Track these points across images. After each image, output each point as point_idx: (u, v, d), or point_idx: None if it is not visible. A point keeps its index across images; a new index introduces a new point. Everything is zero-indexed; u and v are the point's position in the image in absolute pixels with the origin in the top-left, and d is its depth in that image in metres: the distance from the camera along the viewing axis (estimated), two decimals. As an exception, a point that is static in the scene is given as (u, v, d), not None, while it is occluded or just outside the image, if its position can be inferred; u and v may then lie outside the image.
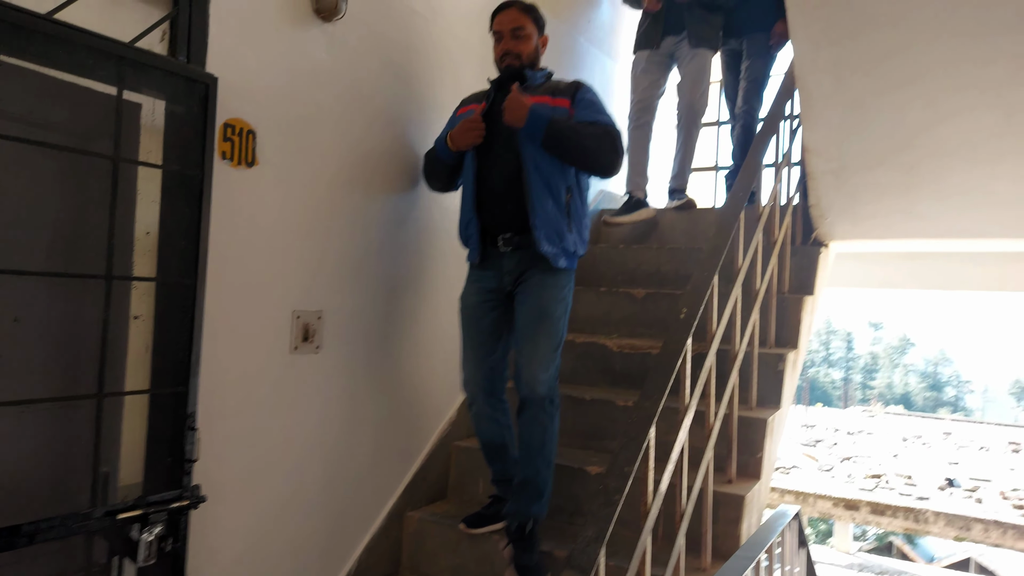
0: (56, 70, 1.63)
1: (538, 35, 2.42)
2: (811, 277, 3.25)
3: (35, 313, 1.62)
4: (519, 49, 2.36)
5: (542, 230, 2.26)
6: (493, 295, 2.39)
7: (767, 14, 3.67)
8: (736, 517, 2.42)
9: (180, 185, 1.85)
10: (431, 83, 2.75)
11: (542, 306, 2.28)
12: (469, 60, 2.93)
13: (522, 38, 2.35)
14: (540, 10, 2.43)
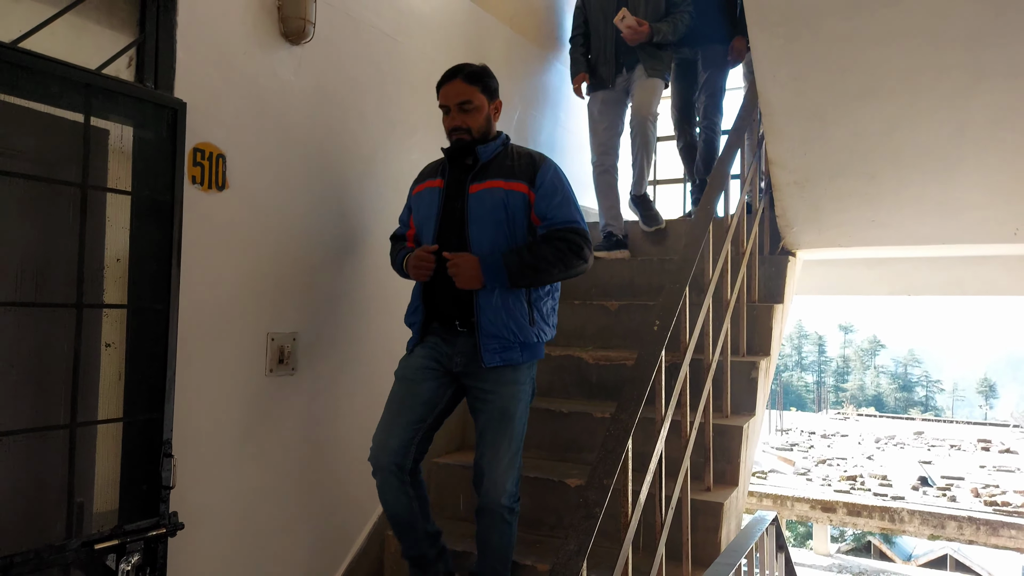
0: (22, 99, 1.62)
1: (489, 102, 2.17)
2: (780, 285, 3.31)
3: (4, 343, 1.60)
4: (468, 123, 2.12)
5: (489, 332, 2.07)
6: (439, 367, 2.17)
7: (722, 25, 3.73)
8: (715, 525, 2.45)
9: (150, 211, 1.85)
10: (401, 103, 2.77)
11: (502, 407, 2.10)
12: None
13: (470, 111, 2.12)
14: (490, 73, 2.20)
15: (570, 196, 2.13)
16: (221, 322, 2.07)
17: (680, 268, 2.34)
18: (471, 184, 2.11)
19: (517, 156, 2.17)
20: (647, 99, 3.55)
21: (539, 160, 2.15)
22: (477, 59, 3.30)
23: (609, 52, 3.58)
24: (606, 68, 3.60)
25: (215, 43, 2.04)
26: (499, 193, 2.08)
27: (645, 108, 3.55)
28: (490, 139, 2.17)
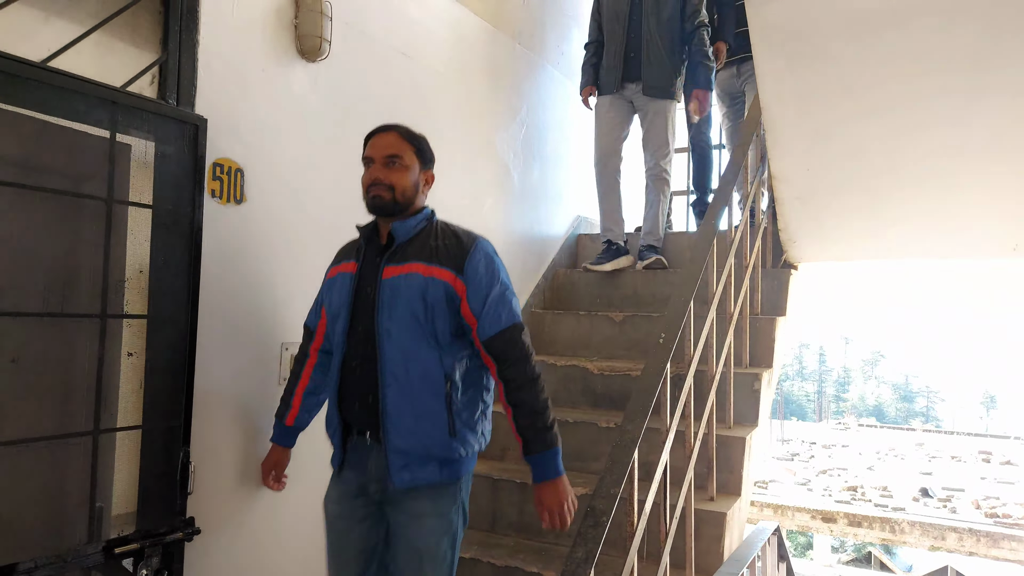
0: (50, 116, 1.67)
1: (422, 168, 1.88)
2: (782, 299, 3.36)
3: (31, 353, 1.65)
4: (391, 180, 1.78)
5: (397, 445, 1.73)
6: (364, 497, 1.85)
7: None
8: (718, 534, 2.49)
9: (171, 224, 1.90)
10: (413, 118, 2.81)
11: (420, 546, 1.75)
12: (446, 96, 3.03)
13: (397, 167, 1.79)
14: (428, 145, 1.93)
15: (506, 286, 1.82)
16: (237, 332, 2.12)
17: (685, 282, 2.39)
18: (386, 266, 1.78)
19: (443, 236, 1.83)
20: (659, 134, 3.49)
21: (468, 243, 1.81)
22: (487, 71, 3.39)
23: (618, 60, 3.55)
24: (613, 75, 3.57)
25: (234, 61, 2.10)
26: (417, 280, 1.74)
27: (658, 149, 3.50)
28: (413, 213, 1.84)
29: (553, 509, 1.80)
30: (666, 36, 3.47)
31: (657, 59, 3.46)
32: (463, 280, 1.76)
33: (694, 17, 3.51)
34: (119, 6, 1.86)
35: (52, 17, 1.76)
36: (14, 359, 1.61)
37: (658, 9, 3.48)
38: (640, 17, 3.49)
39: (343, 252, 1.98)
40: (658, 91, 3.46)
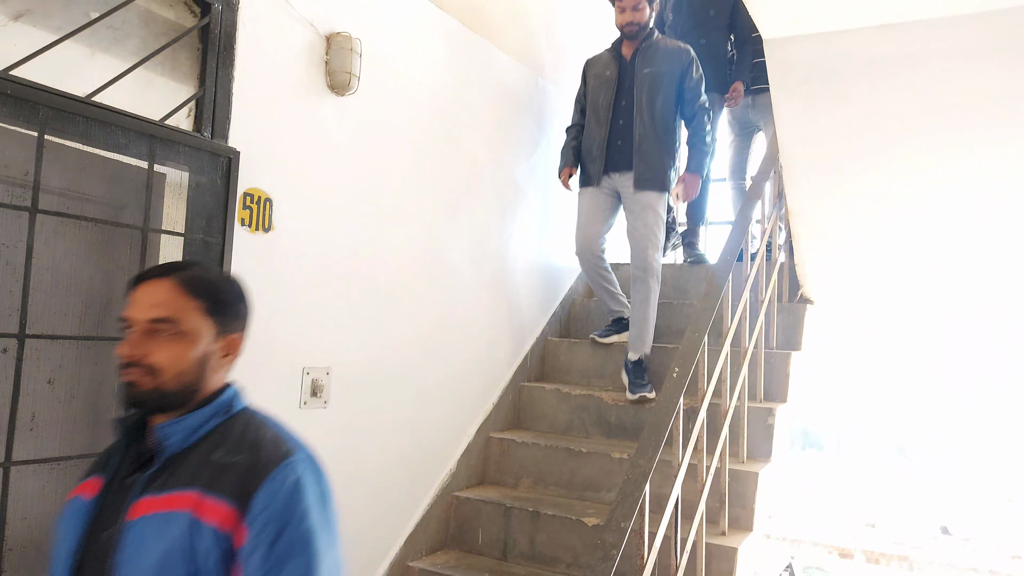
0: (93, 147, 1.76)
1: (219, 333, 1.17)
2: (798, 333, 3.37)
3: (66, 374, 1.72)
4: (154, 360, 1.07)
5: None
6: None
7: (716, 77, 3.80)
8: (729, 569, 2.49)
9: (203, 251, 1.98)
10: (436, 150, 2.90)
11: None
12: (470, 126, 3.10)
13: (163, 338, 1.08)
14: (234, 292, 1.26)
15: (316, 550, 1.07)
16: (261, 356, 2.18)
17: (699, 316, 2.42)
18: (136, 499, 1.05)
19: (239, 443, 1.11)
20: (647, 227, 3.15)
21: (272, 459, 1.09)
22: (510, 103, 3.44)
23: (601, 150, 3.25)
24: (597, 165, 3.26)
25: (267, 95, 2.19)
26: (178, 526, 1.01)
27: (647, 240, 3.14)
28: (198, 402, 1.14)
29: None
30: (660, 123, 3.16)
31: (650, 148, 3.14)
32: (244, 521, 1.02)
33: (694, 100, 3.21)
34: (160, 43, 1.95)
35: (98, 53, 1.85)
36: (50, 380, 1.68)
37: (652, 94, 3.16)
38: (631, 102, 3.19)
39: (88, 473, 1.17)
40: (650, 183, 3.14)
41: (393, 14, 2.65)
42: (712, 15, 3.89)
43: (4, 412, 1.54)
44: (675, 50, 3.20)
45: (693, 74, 3.19)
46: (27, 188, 1.59)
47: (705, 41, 3.84)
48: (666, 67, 3.17)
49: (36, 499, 1.66)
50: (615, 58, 3.28)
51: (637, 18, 3.16)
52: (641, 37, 3.21)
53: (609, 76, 3.26)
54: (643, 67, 3.19)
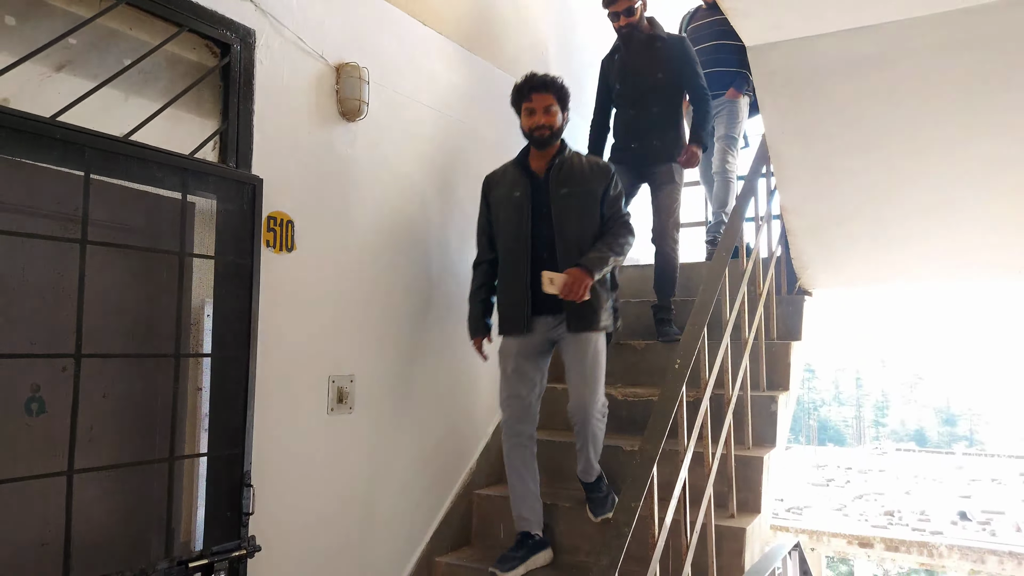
0: (133, 182, 1.93)
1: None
2: (797, 324, 3.51)
3: (118, 389, 1.88)
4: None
5: None
6: None
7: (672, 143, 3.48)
8: (739, 549, 2.62)
9: (231, 272, 2.14)
10: (444, 168, 3.07)
11: None
12: (475, 145, 3.27)
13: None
14: None
15: None
16: (289, 367, 2.34)
17: (698, 310, 2.56)
18: None
19: None
20: (590, 372, 2.64)
21: None
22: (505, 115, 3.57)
23: (521, 293, 2.66)
24: (519, 311, 2.66)
25: (284, 125, 2.36)
26: None
27: (591, 388, 2.65)
28: None
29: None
30: (586, 248, 2.62)
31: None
32: None
33: (615, 220, 2.71)
34: (186, 83, 2.13)
35: (131, 96, 2.03)
36: (105, 394, 1.84)
37: (573, 220, 2.66)
38: (551, 231, 2.65)
39: None
40: (588, 323, 2.62)
41: (397, 42, 2.82)
42: (661, 77, 3.48)
43: (66, 425, 1.70)
44: (594, 167, 2.74)
45: (612, 192, 2.72)
46: (77, 222, 1.76)
47: (658, 109, 3.48)
48: (585, 187, 2.68)
49: (97, 503, 1.83)
50: (524, 175, 2.73)
51: (549, 121, 2.64)
52: (553, 147, 2.71)
53: (520, 198, 2.69)
54: (559, 187, 2.67)
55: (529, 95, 2.66)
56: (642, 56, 3.50)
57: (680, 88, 3.54)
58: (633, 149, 3.52)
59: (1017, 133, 2.64)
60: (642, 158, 3.50)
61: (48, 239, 1.78)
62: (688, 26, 4.22)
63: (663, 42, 3.49)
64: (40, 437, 1.74)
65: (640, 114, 3.51)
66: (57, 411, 1.77)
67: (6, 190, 1.70)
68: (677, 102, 3.54)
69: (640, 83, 3.52)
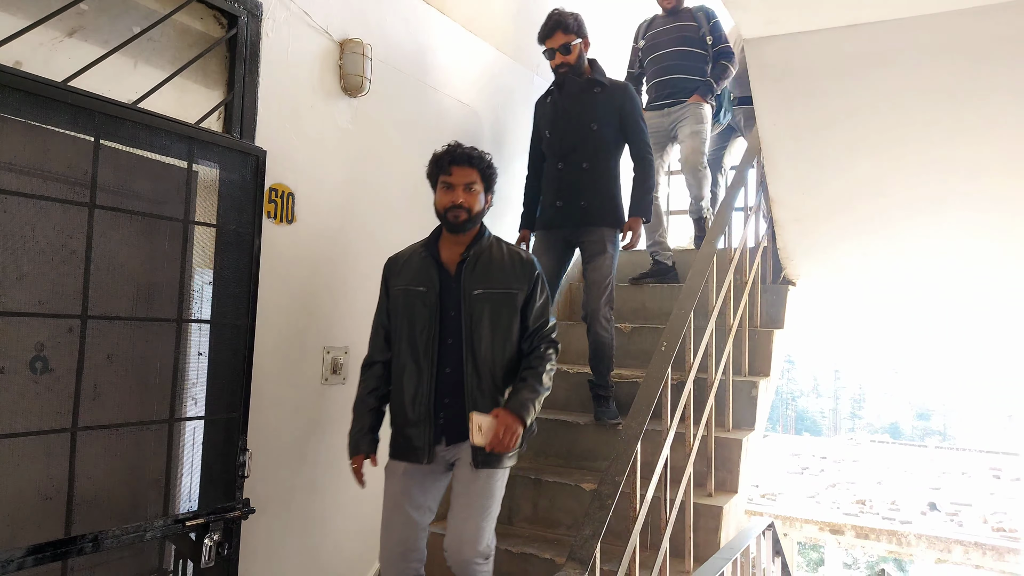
0: (140, 149, 1.96)
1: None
2: (780, 312, 3.60)
3: (122, 351, 1.93)
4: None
5: None
6: None
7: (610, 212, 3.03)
8: (715, 526, 2.73)
9: (233, 241, 2.18)
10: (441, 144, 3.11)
11: None
12: (475, 126, 3.32)
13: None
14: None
15: None
16: (286, 337, 2.40)
17: (685, 296, 2.64)
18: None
19: None
20: (469, 518, 2.12)
21: None
22: (508, 101, 3.65)
23: (424, 411, 2.18)
24: (419, 434, 2.18)
25: (288, 98, 2.39)
26: None
27: (466, 538, 2.10)
28: None
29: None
30: (498, 375, 2.20)
31: (491, 397, 2.18)
32: None
33: (539, 330, 2.27)
34: (193, 53, 2.16)
35: (140, 64, 2.06)
36: (109, 356, 1.89)
37: (486, 329, 2.19)
38: (459, 341, 2.19)
39: None
40: (495, 460, 2.17)
41: (400, 20, 2.86)
42: (595, 129, 3.01)
43: (71, 384, 1.75)
44: (517, 262, 2.26)
45: (537, 297, 2.26)
46: (86, 186, 1.80)
47: (590, 164, 2.99)
48: (504, 287, 2.21)
49: (100, 460, 1.88)
50: (432, 266, 2.24)
51: (468, 202, 2.20)
52: (469, 234, 2.25)
53: (425, 295, 2.21)
54: (473, 285, 2.21)
55: (449, 168, 2.22)
56: (577, 102, 3.04)
57: (619, 142, 3.09)
58: (558, 208, 3.03)
59: (1002, 134, 2.72)
60: (569, 220, 3.02)
61: (58, 202, 1.81)
62: (647, 33, 4.04)
63: (602, 88, 3.04)
64: (45, 395, 1.79)
65: (569, 169, 3.01)
66: (62, 370, 1.81)
67: (19, 152, 1.74)
68: (613, 158, 3.07)
69: (571, 133, 3.03)
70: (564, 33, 2.97)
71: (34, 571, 1.72)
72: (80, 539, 1.73)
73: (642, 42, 4.04)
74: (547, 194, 3.12)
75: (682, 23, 3.92)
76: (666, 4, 3.97)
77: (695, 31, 3.89)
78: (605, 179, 3.02)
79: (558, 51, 3.00)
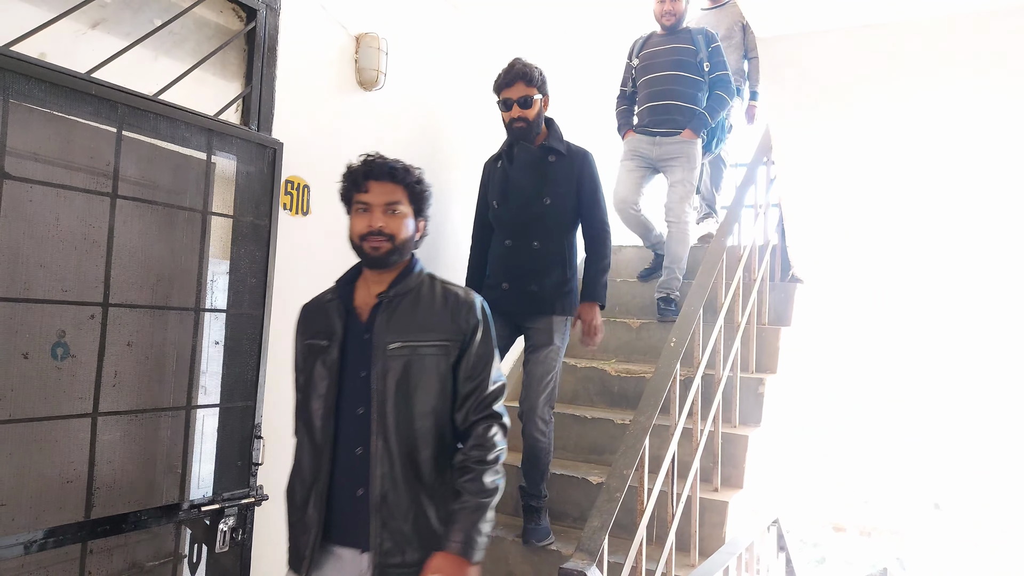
0: (160, 141, 1.99)
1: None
2: (789, 310, 3.61)
3: (142, 338, 1.97)
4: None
5: None
6: None
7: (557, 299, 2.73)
8: (720, 521, 2.75)
9: (249, 232, 2.22)
10: (455, 139, 3.14)
11: None
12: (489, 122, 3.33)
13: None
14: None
15: None
16: (300, 327, 2.42)
17: (695, 292, 2.66)
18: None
19: None
20: None
21: None
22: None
23: (317, 504, 1.67)
24: (306, 540, 1.68)
25: (305, 91, 2.42)
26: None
27: None
28: None
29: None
30: (426, 444, 1.67)
31: (398, 507, 1.64)
32: None
33: (477, 401, 1.70)
34: (212, 45, 2.18)
35: (160, 56, 2.09)
36: (129, 343, 1.93)
37: (413, 384, 1.66)
38: (368, 411, 1.66)
39: None
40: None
41: (415, 14, 2.88)
42: (548, 204, 2.69)
43: (93, 370, 1.79)
44: (452, 304, 1.72)
45: (475, 348, 1.70)
46: (108, 176, 1.83)
47: (540, 243, 2.70)
48: (428, 338, 1.68)
49: (119, 446, 1.92)
50: (340, 311, 1.74)
51: (391, 227, 1.69)
52: (393, 270, 1.74)
53: (327, 350, 1.69)
54: (388, 336, 1.66)
55: (364, 184, 1.73)
56: (528, 173, 2.71)
57: (575, 218, 2.76)
58: (505, 291, 2.71)
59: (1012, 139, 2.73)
60: (516, 304, 2.70)
61: (81, 192, 1.84)
62: (641, 51, 3.79)
63: (557, 157, 2.70)
64: (66, 380, 1.83)
65: (518, 248, 2.70)
66: (83, 357, 1.85)
67: (44, 143, 1.77)
68: (568, 237, 2.75)
69: (522, 208, 2.71)
70: (526, 85, 2.63)
71: (55, 552, 1.76)
72: (100, 522, 1.77)
73: (636, 60, 3.80)
74: (493, 272, 2.80)
75: (679, 45, 3.67)
76: (666, 21, 3.70)
77: (692, 55, 3.63)
78: (558, 261, 2.70)
79: (516, 103, 2.64)
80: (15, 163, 1.69)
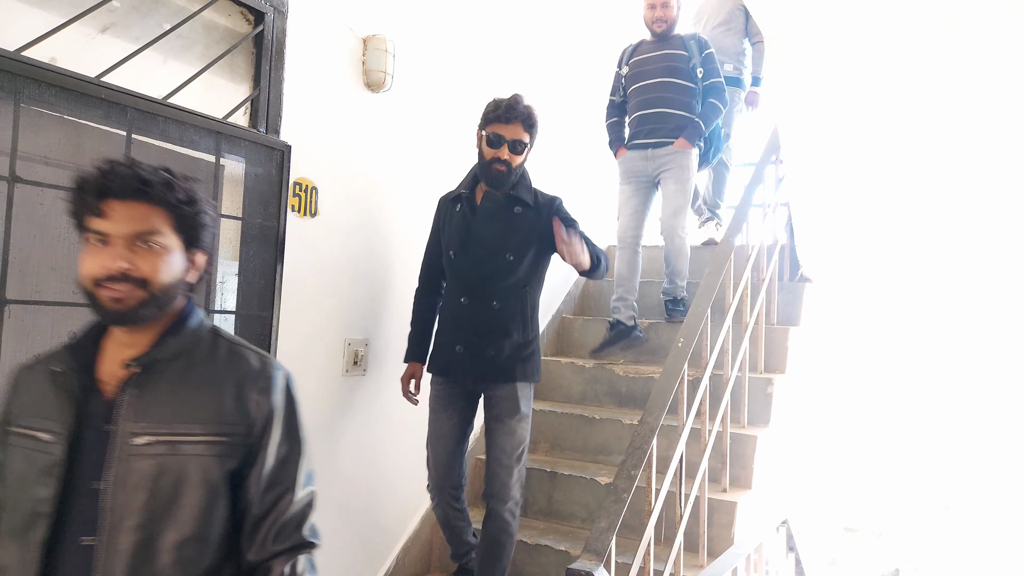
0: (169, 143, 2.01)
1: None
2: (797, 310, 3.60)
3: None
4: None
5: None
6: None
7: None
8: (729, 521, 2.75)
9: (258, 234, 2.23)
10: (461, 141, 3.13)
11: None
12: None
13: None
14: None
15: None
16: (309, 328, 2.44)
17: (703, 293, 2.66)
18: None
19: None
20: None
21: None
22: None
23: None
24: None
25: (313, 94, 2.43)
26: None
27: None
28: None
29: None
30: None
31: None
32: None
33: (278, 513, 1.23)
34: (220, 49, 2.20)
35: (169, 60, 2.10)
36: (139, 345, 1.94)
37: (166, 505, 1.13)
38: (106, 540, 1.10)
39: None
40: None
41: (422, 16, 2.88)
42: (511, 260, 2.45)
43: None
44: (242, 375, 1.23)
45: (275, 445, 1.24)
46: (118, 179, 1.84)
47: (501, 304, 2.44)
48: (204, 426, 1.16)
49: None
50: (73, 387, 1.16)
51: (143, 269, 1.14)
52: (155, 328, 1.20)
53: (49, 448, 1.14)
54: (136, 425, 1.14)
55: (98, 206, 1.14)
56: (492, 224, 2.46)
57: (540, 276, 2.56)
58: (458, 353, 2.46)
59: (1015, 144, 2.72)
60: (472, 370, 2.46)
61: (90, 195, 1.85)
62: (631, 59, 3.67)
63: (524, 209, 2.46)
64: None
65: (475, 307, 2.45)
66: (93, 358, 1.86)
67: (55, 146, 1.78)
68: (531, 296, 2.51)
69: (483, 262, 2.44)
70: (524, 129, 2.41)
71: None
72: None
73: (626, 68, 3.68)
74: (445, 330, 2.54)
75: (671, 51, 3.53)
76: (657, 28, 3.56)
77: (685, 61, 3.49)
78: (518, 323, 2.45)
79: (508, 144, 2.39)
80: (26, 167, 1.70)
